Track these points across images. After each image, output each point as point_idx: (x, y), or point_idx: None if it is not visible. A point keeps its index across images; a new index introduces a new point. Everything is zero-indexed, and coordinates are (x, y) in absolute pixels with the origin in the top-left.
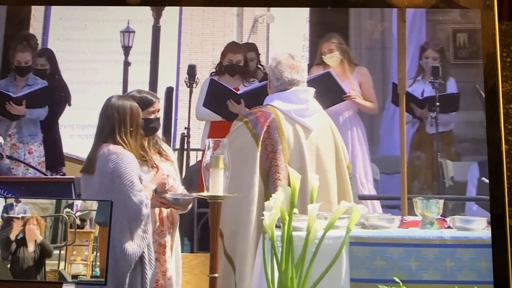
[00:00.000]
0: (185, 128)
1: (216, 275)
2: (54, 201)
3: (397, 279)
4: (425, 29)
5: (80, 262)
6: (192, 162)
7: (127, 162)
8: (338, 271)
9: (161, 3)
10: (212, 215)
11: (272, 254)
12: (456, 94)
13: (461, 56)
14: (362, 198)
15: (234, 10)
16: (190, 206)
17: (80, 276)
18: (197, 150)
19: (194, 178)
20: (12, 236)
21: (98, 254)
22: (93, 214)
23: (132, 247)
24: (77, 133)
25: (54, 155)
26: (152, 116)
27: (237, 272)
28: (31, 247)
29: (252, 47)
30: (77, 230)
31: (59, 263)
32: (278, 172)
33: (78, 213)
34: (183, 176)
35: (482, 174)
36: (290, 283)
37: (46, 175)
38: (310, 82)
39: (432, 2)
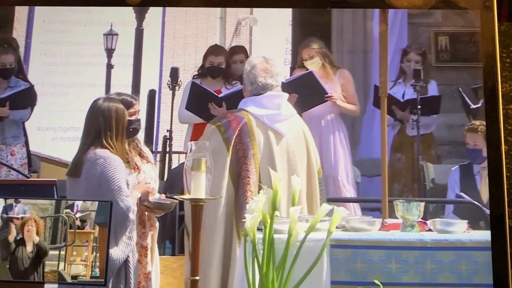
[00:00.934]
0: (168, 130)
1: (197, 277)
2: (53, 201)
3: (377, 282)
4: (406, 32)
5: (79, 262)
6: (174, 164)
7: (115, 167)
8: (319, 274)
9: (161, 4)
10: (194, 218)
11: (253, 257)
12: (437, 96)
13: (443, 59)
14: (343, 200)
15: (217, 12)
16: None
17: (80, 277)
18: (179, 152)
19: (176, 180)
20: (11, 237)
21: (98, 254)
22: (93, 214)
23: (116, 252)
24: (59, 135)
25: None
26: (133, 118)
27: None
28: (29, 247)
29: (240, 49)
30: (77, 230)
31: (58, 264)
32: (248, 177)
33: (79, 214)
34: (165, 179)
35: (463, 178)
36: (271, 286)
37: (28, 177)
38: (292, 82)
39: (431, 3)
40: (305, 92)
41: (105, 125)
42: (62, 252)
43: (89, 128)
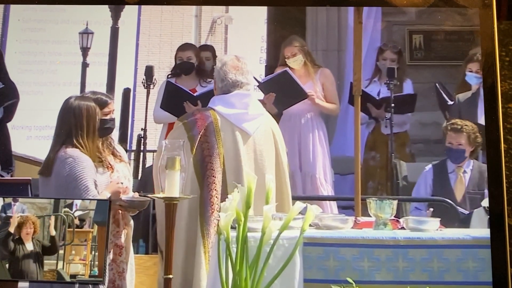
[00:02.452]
0: (142, 129)
1: (170, 276)
2: (52, 200)
3: (350, 280)
4: (380, 30)
5: (78, 261)
6: (149, 163)
7: (83, 167)
8: (292, 272)
9: (160, 2)
10: (168, 216)
11: (226, 255)
12: (413, 94)
13: (417, 58)
14: (318, 198)
15: (192, 11)
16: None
17: (79, 276)
18: (153, 151)
19: (150, 179)
20: (9, 237)
21: (97, 253)
22: (92, 213)
23: None
24: (34, 134)
25: (4, 155)
26: (107, 117)
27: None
28: (29, 246)
29: (207, 47)
30: (76, 229)
31: (57, 263)
32: (214, 176)
33: (77, 213)
34: (139, 178)
35: (436, 177)
36: (244, 284)
37: (2, 176)
38: (268, 82)
39: (430, 1)
40: (283, 91)
41: (76, 124)
42: (61, 251)
43: (61, 127)
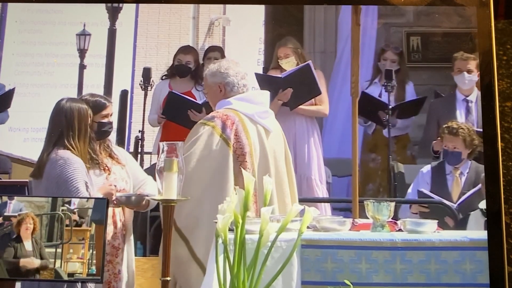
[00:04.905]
0: (139, 131)
1: (168, 278)
2: (50, 199)
3: (347, 282)
4: (376, 32)
5: (76, 260)
6: (146, 165)
7: (73, 168)
8: (290, 274)
9: (157, 1)
10: (165, 218)
11: (224, 257)
12: (422, 98)
13: (414, 59)
14: (315, 200)
15: (190, 12)
16: (148, 207)
17: (76, 274)
18: (151, 153)
19: None
20: (7, 236)
21: (94, 252)
22: (90, 212)
23: None
24: (31, 136)
25: None
26: (105, 120)
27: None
28: (27, 245)
29: (216, 48)
30: (73, 228)
31: (55, 261)
32: None
33: (77, 210)
34: None
35: (434, 178)
36: (242, 286)
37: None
38: (290, 76)
39: (428, 0)
40: (300, 86)
41: (67, 125)
42: (59, 250)
43: (52, 129)
